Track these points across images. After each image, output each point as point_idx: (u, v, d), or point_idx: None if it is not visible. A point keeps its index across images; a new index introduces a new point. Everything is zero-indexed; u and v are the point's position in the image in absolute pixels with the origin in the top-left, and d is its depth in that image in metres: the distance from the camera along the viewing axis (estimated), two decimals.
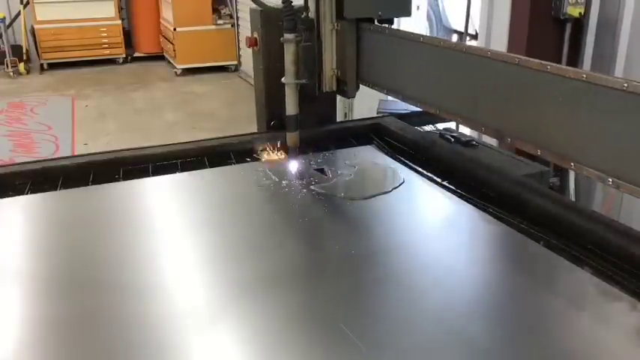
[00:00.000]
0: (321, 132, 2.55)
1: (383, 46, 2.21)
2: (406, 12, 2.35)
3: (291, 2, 2.17)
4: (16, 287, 1.54)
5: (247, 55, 9.72)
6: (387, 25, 2.26)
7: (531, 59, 1.60)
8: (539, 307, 1.42)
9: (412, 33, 2.09)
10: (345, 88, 2.36)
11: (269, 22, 2.41)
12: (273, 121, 2.51)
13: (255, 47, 2.52)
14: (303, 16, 2.30)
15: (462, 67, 1.85)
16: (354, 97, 2.43)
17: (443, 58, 1.91)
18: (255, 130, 2.66)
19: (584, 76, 1.45)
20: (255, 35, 2.50)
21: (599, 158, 1.46)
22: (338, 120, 2.82)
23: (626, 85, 1.36)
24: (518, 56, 1.64)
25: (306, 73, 2.27)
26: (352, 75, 2.32)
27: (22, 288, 1.55)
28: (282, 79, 2.26)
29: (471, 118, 1.85)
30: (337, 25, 2.32)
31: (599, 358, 1.28)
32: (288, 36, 2.22)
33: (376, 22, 2.28)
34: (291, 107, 2.27)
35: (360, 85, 2.43)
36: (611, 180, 1.42)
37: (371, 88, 2.32)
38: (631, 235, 1.58)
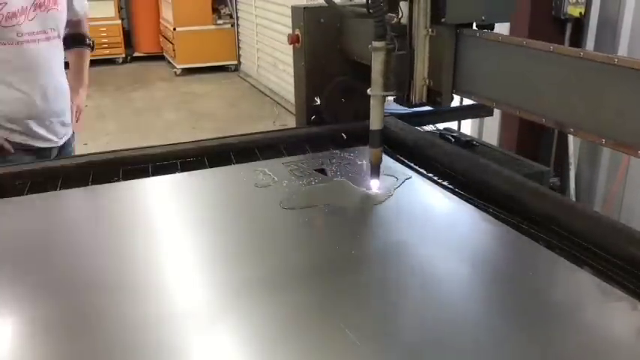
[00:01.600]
0: (321, 132, 2.55)
1: (483, 53, 1.99)
2: (507, 17, 2.13)
3: (382, 5, 1.94)
4: (16, 287, 1.54)
5: (247, 55, 9.73)
6: (487, 31, 2.02)
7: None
8: (539, 307, 1.42)
9: (516, 38, 1.86)
10: (439, 98, 2.14)
11: (312, 19, 2.46)
12: (313, 117, 2.56)
13: (296, 44, 2.54)
14: (393, 21, 2.10)
15: (576, 73, 1.66)
16: (448, 106, 2.21)
17: (553, 64, 1.72)
18: (255, 131, 2.67)
19: None
20: (297, 32, 2.53)
21: None
22: None
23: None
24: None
25: (395, 84, 2.08)
26: (448, 84, 2.09)
27: (22, 288, 1.55)
28: (368, 91, 2.04)
29: (589, 129, 1.66)
30: (432, 31, 2.08)
31: (599, 358, 1.28)
32: (377, 44, 1.99)
33: (474, 27, 2.04)
34: (375, 122, 2.06)
35: None
36: None
37: (466, 97, 2.13)
38: (631, 235, 1.58)
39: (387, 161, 2.27)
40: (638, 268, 1.49)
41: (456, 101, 2.16)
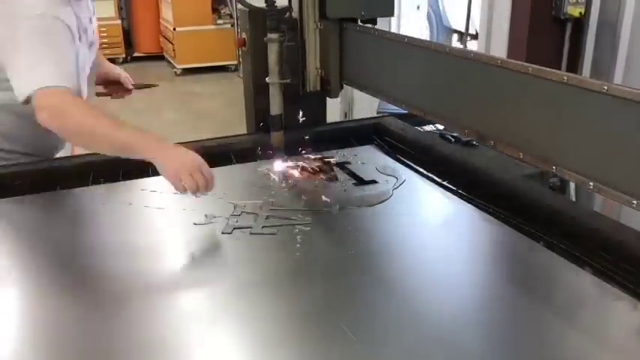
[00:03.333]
0: (320, 132, 2.55)
1: (366, 47, 2.21)
2: (389, 12, 2.35)
3: (274, 1, 2.17)
4: (16, 287, 1.54)
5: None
6: (370, 25, 2.26)
7: (510, 60, 1.59)
8: (539, 307, 1.42)
9: (395, 33, 2.14)
10: (329, 87, 2.38)
11: (257, 23, 2.38)
12: (262, 123, 2.47)
13: (243, 47, 2.51)
14: (286, 15, 2.30)
15: (445, 68, 1.85)
16: (337, 97, 2.45)
17: (425, 59, 1.92)
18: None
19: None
20: (244, 36, 2.50)
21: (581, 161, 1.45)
22: (334, 120, 2.81)
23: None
24: (501, 58, 1.65)
25: (289, 73, 2.28)
26: (336, 75, 2.33)
27: (22, 288, 1.55)
28: (267, 79, 2.27)
29: (455, 120, 1.86)
30: (320, 25, 2.33)
31: (599, 358, 1.28)
32: (271, 35, 2.22)
33: (359, 22, 2.28)
34: (275, 107, 2.28)
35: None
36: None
37: (354, 88, 2.34)
38: (631, 236, 1.58)
39: (387, 161, 2.27)
40: (638, 268, 1.49)
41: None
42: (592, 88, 1.37)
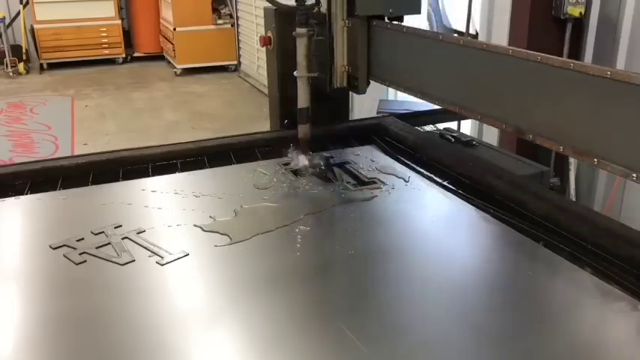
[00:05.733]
0: (321, 132, 2.55)
1: (397, 43, 2.22)
2: (416, 9, 2.36)
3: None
4: (16, 287, 1.54)
5: (247, 55, 9.72)
6: (397, 22, 2.28)
7: (550, 56, 1.60)
8: (540, 307, 1.42)
9: (429, 31, 2.18)
10: (356, 83, 2.39)
11: (283, 21, 2.43)
12: (286, 120, 2.54)
13: (269, 46, 2.54)
14: (315, 10, 2.32)
15: (480, 64, 1.84)
16: (364, 92, 2.44)
17: (460, 55, 1.92)
18: (255, 131, 2.66)
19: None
20: (269, 34, 2.52)
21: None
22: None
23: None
24: (540, 54, 1.64)
25: (317, 67, 2.30)
26: (363, 71, 2.34)
27: (22, 288, 1.55)
28: (295, 73, 2.27)
29: (493, 115, 1.85)
30: (348, 22, 2.34)
31: (599, 358, 1.27)
32: (300, 30, 2.24)
33: (386, 19, 2.29)
34: (302, 100, 2.28)
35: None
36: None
37: (382, 84, 2.35)
38: (631, 236, 1.58)
39: (387, 161, 2.27)
40: (638, 268, 1.49)
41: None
42: (636, 82, 1.38)
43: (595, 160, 1.51)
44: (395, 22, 2.27)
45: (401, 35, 2.17)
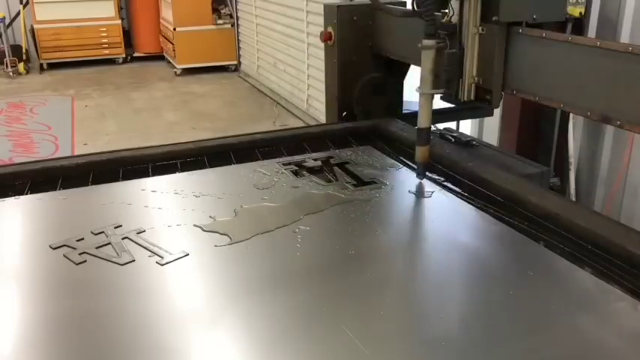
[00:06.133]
0: (321, 131, 2.55)
1: (534, 51, 1.99)
2: (560, 15, 2.18)
3: (432, 4, 1.98)
4: (16, 287, 1.54)
5: (247, 55, 9.72)
6: (537, 29, 2.02)
7: None
8: (540, 307, 1.42)
9: (584, 37, 1.88)
10: (489, 97, 2.14)
11: (344, 17, 2.53)
12: (345, 112, 2.63)
13: (329, 41, 2.61)
14: (443, 20, 2.10)
15: (626, 70, 1.66)
16: (498, 106, 2.20)
17: (618, 64, 1.70)
18: (254, 131, 2.67)
19: None
20: (330, 30, 2.59)
21: None
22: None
23: None
24: None
25: (445, 82, 2.09)
26: (498, 83, 2.10)
27: (22, 288, 1.55)
28: (416, 89, 2.08)
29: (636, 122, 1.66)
30: (482, 29, 2.09)
31: (599, 358, 1.27)
32: (427, 42, 2.03)
33: (524, 26, 2.05)
34: (424, 120, 2.08)
35: None
36: None
37: (517, 95, 2.12)
38: (631, 235, 1.58)
39: (387, 161, 2.27)
40: (638, 268, 1.49)
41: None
42: None
43: None
44: (535, 29, 2.02)
45: (550, 43, 1.91)
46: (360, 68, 2.65)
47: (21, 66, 10.05)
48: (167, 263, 1.58)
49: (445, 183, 2.08)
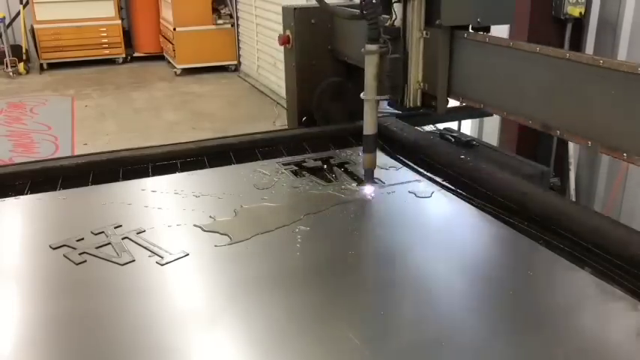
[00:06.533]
0: (321, 131, 2.55)
1: (479, 56, 1.94)
2: (508, 19, 2.08)
3: (375, 8, 1.90)
4: (16, 287, 1.54)
5: (247, 55, 9.72)
6: (483, 33, 1.98)
7: None
8: (540, 307, 1.42)
9: (525, 43, 1.79)
10: (434, 102, 2.07)
11: (302, 20, 2.47)
12: (304, 117, 2.57)
13: (287, 45, 2.55)
14: (387, 24, 2.04)
15: (569, 77, 1.61)
16: (444, 113, 2.12)
17: (548, 67, 1.68)
18: (253, 131, 2.67)
19: None
20: (288, 33, 2.53)
21: None
22: None
23: None
24: None
25: (389, 89, 2.04)
26: (443, 88, 2.03)
27: (22, 288, 1.55)
28: (362, 95, 2.00)
29: (576, 131, 1.62)
30: (426, 34, 2.02)
31: (599, 358, 1.27)
32: (370, 47, 1.95)
33: (470, 30, 1.99)
34: (369, 126, 2.03)
35: None
36: None
37: (462, 102, 2.06)
38: (631, 235, 1.58)
39: (387, 161, 2.27)
40: (638, 268, 1.49)
41: (456, 101, 2.11)
42: None
43: None
44: (481, 33, 1.97)
45: (493, 48, 1.87)
46: (319, 72, 2.59)
47: (21, 66, 10.05)
48: (167, 263, 1.58)
49: (445, 183, 2.07)
